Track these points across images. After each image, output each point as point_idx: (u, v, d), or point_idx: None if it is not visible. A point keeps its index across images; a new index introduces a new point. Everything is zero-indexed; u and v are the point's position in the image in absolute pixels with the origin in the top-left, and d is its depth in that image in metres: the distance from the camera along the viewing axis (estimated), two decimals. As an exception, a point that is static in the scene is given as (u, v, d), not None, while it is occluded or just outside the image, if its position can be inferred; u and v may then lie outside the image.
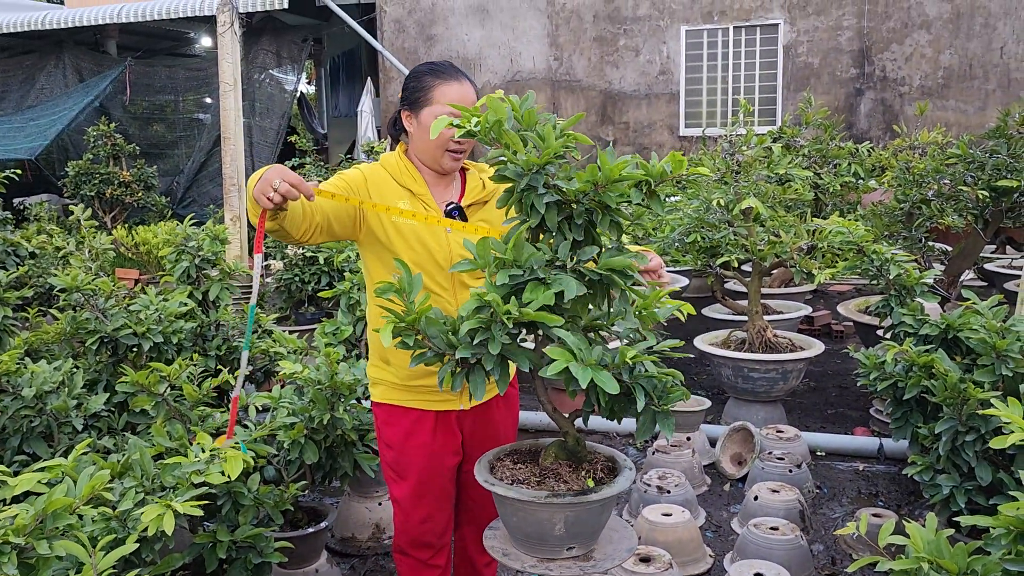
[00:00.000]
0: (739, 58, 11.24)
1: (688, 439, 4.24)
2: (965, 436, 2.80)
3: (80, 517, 1.89)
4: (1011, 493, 1.97)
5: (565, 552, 1.86)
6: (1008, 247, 7.68)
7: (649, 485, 3.61)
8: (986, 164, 4.83)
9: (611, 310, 1.82)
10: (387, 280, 1.80)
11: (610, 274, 1.71)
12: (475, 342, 1.68)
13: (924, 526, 1.82)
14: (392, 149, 2.38)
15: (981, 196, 4.78)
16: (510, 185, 1.78)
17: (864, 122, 10.90)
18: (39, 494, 1.83)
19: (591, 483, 1.84)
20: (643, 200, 1.76)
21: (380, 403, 2.39)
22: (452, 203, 2.26)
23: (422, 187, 2.25)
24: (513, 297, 1.69)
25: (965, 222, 5.00)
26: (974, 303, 3.23)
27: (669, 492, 3.56)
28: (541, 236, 1.82)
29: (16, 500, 1.92)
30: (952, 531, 1.91)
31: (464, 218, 2.26)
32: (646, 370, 1.73)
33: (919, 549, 1.76)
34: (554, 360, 1.61)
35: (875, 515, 3.33)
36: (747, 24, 11.13)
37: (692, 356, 2.82)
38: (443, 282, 2.24)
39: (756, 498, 3.50)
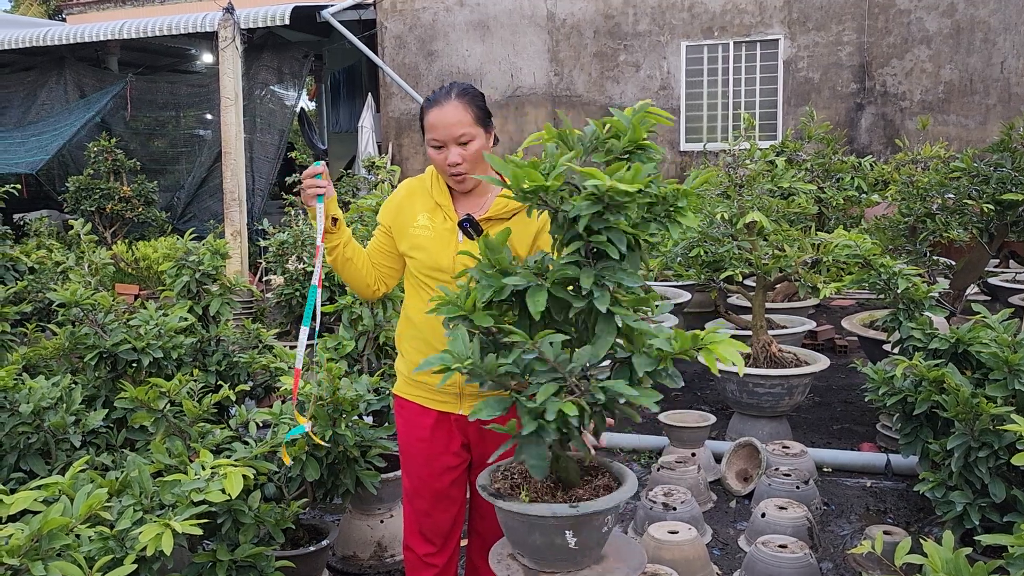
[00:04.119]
0: (739, 73, 11.26)
1: (693, 455, 4.20)
2: (978, 452, 2.76)
3: (77, 537, 1.84)
4: (1029, 510, 1.93)
5: (518, 556, 1.84)
6: (1012, 261, 7.67)
7: (655, 502, 3.56)
8: (990, 178, 4.80)
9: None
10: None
11: (548, 285, 1.69)
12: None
13: (937, 543, 1.77)
14: (394, 163, 2.44)
15: (986, 210, 4.76)
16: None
17: (865, 137, 10.91)
18: (36, 512, 1.78)
19: (524, 498, 1.80)
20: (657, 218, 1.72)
21: (394, 394, 2.53)
22: (467, 215, 2.33)
23: (447, 200, 2.38)
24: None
25: (970, 236, 4.97)
26: (984, 317, 3.19)
27: (675, 509, 3.51)
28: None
29: (12, 519, 1.87)
30: (969, 550, 1.87)
31: (478, 230, 2.31)
32: (533, 396, 1.64)
33: (937, 569, 1.72)
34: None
35: (885, 532, 3.27)
36: (747, 39, 11.15)
37: (696, 371, 2.77)
38: (450, 287, 2.30)
39: (763, 515, 3.44)
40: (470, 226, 2.29)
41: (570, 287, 1.74)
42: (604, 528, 1.83)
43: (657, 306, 1.80)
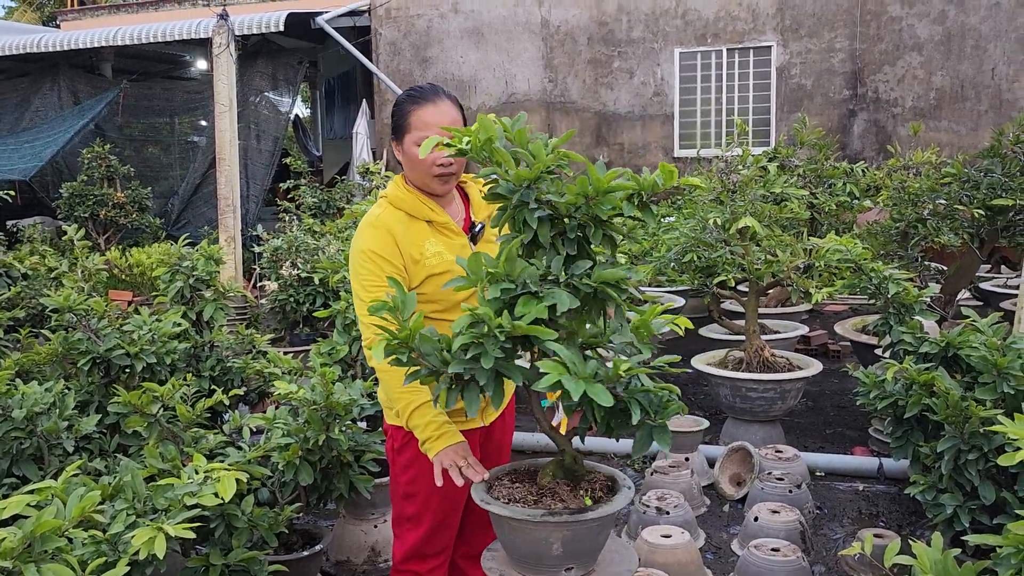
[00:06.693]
0: (733, 80, 11.32)
1: (686, 459, 4.21)
2: (968, 455, 2.77)
3: (70, 540, 1.85)
4: (1017, 512, 1.95)
5: (563, 573, 1.83)
6: (1003, 267, 7.71)
7: (648, 506, 3.57)
8: (981, 183, 4.84)
9: (607, 326, 1.80)
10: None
11: (603, 287, 1.69)
12: (468, 357, 1.66)
13: (929, 546, 1.79)
14: (388, 169, 2.40)
15: (977, 215, 4.79)
16: (502, 204, 1.78)
17: (857, 143, 10.97)
18: (28, 518, 1.78)
19: (588, 501, 1.81)
20: (635, 213, 1.75)
21: (399, 427, 2.32)
22: (478, 224, 2.29)
23: (442, 215, 2.25)
24: (506, 311, 1.67)
25: (961, 241, 5.01)
26: (974, 321, 3.21)
27: (668, 513, 3.52)
28: (535, 252, 1.80)
29: (4, 524, 1.88)
30: (958, 551, 1.88)
31: (482, 234, 2.30)
32: (642, 384, 1.71)
33: (926, 569, 1.73)
34: (547, 374, 1.59)
35: (877, 535, 3.29)
36: (740, 46, 11.21)
37: (689, 376, 2.79)
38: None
39: (756, 519, 3.45)
40: (480, 233, 2.28)
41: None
42: None
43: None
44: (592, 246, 1.75)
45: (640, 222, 1.78)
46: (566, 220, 1.73)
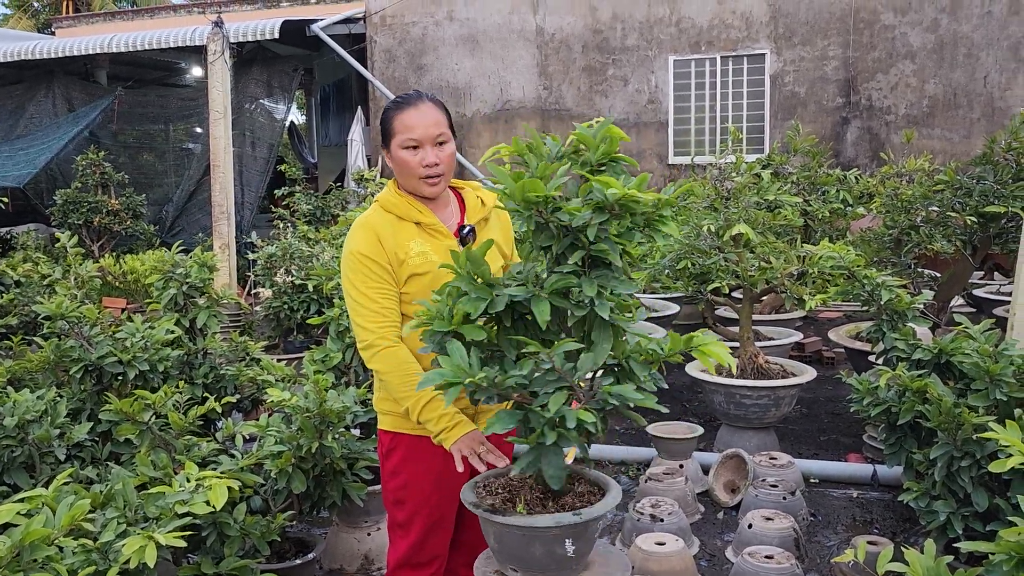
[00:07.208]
0: (727, 87, 11.35)
1: (681, 467, 4.20)
2: (961, 461, 2.78)
3: (60, 549, 1.84)
4: (1010, 519, 1.95)
5: (510, 571, 1.85)
6: (996, 273, 7.74)
7: (642, 513, 3.56)
8: (973, 190, 4.86)
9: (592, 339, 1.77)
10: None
11: (552, 296, 1.68)
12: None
13: (922, 553, 1.79)
14: (383, 176, 2.40)
15: (969, 222, 4.81)
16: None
17: (851, 150, 11.00)
18: (18, 526, 1.77)
19: (522, 510, 1.81)
20: (612, 227, 1.73)
21: (390, 431, 2.36)
22: (467, 226, 2.29)
23: (430, 216, 2.27)
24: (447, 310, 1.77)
25: (954, 248, 5.02)
26: (966, 327, 3.22)
27: (662, 520, 3.51)
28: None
29: (-5, 532, 1.86)
30: (951, 558, 1.89)
31: (473, 238, 2.30)
32: (545, 406, 1.65)
33: (919, 576, 1.73)
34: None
35: (871, 542, 3.28)
36: (734, 54, 11.25)
37: (683, 382, 2.79)
38: None
39: (750, 526, 3.45)
40: (469, 232, 2.28)
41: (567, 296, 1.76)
42: (595, 534, 1.87)
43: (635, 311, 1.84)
44: (567, 255, 1.75)
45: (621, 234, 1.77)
46: (545, 228, 1.75)
